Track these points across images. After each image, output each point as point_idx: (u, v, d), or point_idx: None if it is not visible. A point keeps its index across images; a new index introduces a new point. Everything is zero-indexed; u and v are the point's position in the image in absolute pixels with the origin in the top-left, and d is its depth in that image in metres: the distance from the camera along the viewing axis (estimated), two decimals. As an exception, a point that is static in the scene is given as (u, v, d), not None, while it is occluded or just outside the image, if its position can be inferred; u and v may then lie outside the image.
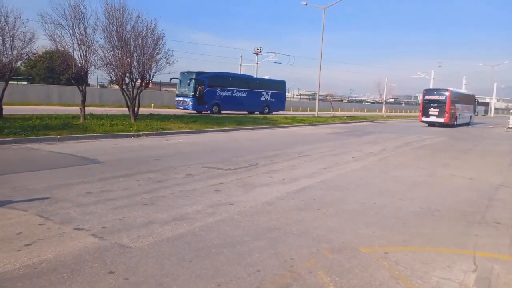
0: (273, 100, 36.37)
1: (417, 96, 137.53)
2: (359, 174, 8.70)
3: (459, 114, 32.87)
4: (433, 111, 30.68)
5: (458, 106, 32.33)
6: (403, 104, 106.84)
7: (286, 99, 42.06)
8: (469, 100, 37.07)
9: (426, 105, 31.32)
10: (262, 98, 35.41)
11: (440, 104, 30.39)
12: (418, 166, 10.24)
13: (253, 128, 21.04)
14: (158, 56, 18.59)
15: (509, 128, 30.78)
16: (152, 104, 39.74)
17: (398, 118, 47.40)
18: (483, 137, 22.17)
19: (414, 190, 7.34)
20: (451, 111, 30.28)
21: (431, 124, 31.00)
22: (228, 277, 3.35)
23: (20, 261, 3.46)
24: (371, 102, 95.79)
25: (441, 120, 30.05)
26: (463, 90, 39.04)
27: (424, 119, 31.41)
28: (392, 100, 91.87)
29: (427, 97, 31.79)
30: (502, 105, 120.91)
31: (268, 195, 6.33)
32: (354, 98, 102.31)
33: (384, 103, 56.66)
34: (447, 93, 30.51)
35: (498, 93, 76.54)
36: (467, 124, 35.88)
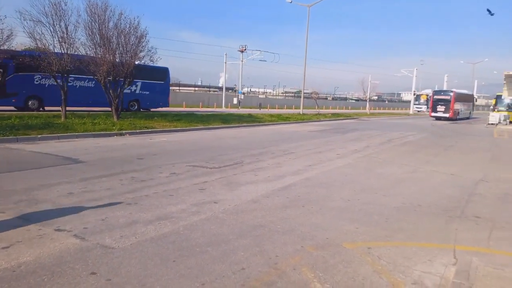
0: (147, 93, 26.78)
1: (400, 94, 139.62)
2: (344, 171, 8.78)
3: (461, 110, 39.90)
4: (440, 108, 37.96)
5: (460, 103, 39.33)
6: (387, 102, 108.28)
7: (272, 98, 41.97)
8: (469, 98, 44.43)
9: (435, 103, 38.67)
10: (127, 90, 22.43)
11: (446, 102, 37.72)
12: (401, 162, 10.39)
13: (238, 126, 21.01)
14: (142, 54, 18.38)
15: (489, 124, 31.62)
16: (136, 103, 39.19)
17: (382, 115, 48.04)
18: (464, 133, 22.66)
19: (397, 186, 7.44)
20: (454, 108, 37.41)
21: (438, 118, 37.90)
22: (213, 275, 3.34)
23: (-2, 264, 3.37)
24: (355, 100, 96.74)
25: (447, 115, 37.32)
26: (464, 90, 45.54)
27: (433, 114, 38.81)
28: (376, 97, 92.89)
29: (435, 96, 39.19)
30: (483, 101, 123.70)
31: (253, 193, 6.33)
32: (339, 96, 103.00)
33: (368, 100, 57.32)
34: (451, 94, 37.95)
35: (479, 90, 78.34)
36: (467, 118, 42.49)
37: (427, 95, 61.23)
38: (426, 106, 59.11)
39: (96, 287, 3.04)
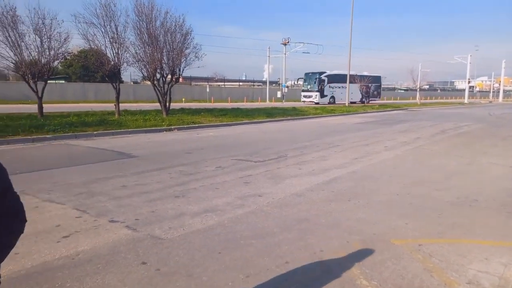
0: None
1: (454, 82, 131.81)
2: (392, 163, 8.47)
3: None
4: None
5: None
6: (439, 91, 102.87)
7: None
8: None
9: None
10: None
11: None
12: (455, 154, 9.83)
13: (282, 120, 20.95)
14: (187, 51, 18.86)
15: None
16: (183, 99, 40.42)
17: (434, 105, 45.66)
18: (526, 122, 20.95)
19: (451, 179, 7.05)
20: None
21: None
22: (257, 268, 3.37)
23: (59, 252, 3.63)
24: (405, 90, 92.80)
25: None
26: None
27: None
28: (427, 86, 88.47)
29: None
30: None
31: (297, 186, 6.30)
32: (386, 86, 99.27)
33: (418, 90, 54.71)
34: None
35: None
36: None
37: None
38: (318, 94, 41.61)
39: (146, 277, 3.19)
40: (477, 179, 7.12)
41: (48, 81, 17.10)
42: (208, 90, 46.08)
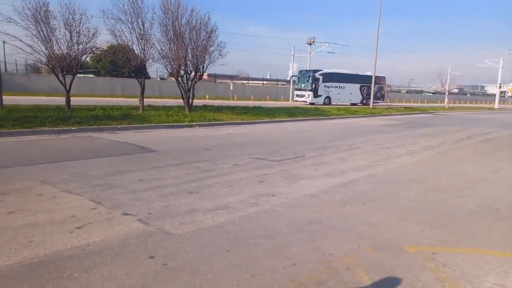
0: None
1: (484, 86, 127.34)
2: (413, 168, 8.24)
3: None
4: None
5: None
6: (468, 95, 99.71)
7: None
8: None
9: None
10: None
11: None
12: (480, 161, 9.47)
13: (304, 120, 20.79)
14: (211, 49, 18.95)
15: None
16: (207, 96, 40.83)
17: (463, 110, 44.25)
18: (561, 130, 19.97)
19: (474, 187, 6.80)
20: None
21: None
22: (263, 269, 3.34)
23: (71, 243, 3.72)
24: (432, 93, 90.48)
25: None
26: None
27: None
28: (456, 90, 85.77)
29: None
30: None
31: (312, 187, 6.22)
32: (414, 89, 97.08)
33: (446, 93, 53.09)
34: None
35: None
36: None
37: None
38: (311, 93, 38.01)
39: (153, 271, 3.22)
40: (501, 187, 6.83)
41: (78, 75, 17.61)
42: (231, 87, 46.32)
